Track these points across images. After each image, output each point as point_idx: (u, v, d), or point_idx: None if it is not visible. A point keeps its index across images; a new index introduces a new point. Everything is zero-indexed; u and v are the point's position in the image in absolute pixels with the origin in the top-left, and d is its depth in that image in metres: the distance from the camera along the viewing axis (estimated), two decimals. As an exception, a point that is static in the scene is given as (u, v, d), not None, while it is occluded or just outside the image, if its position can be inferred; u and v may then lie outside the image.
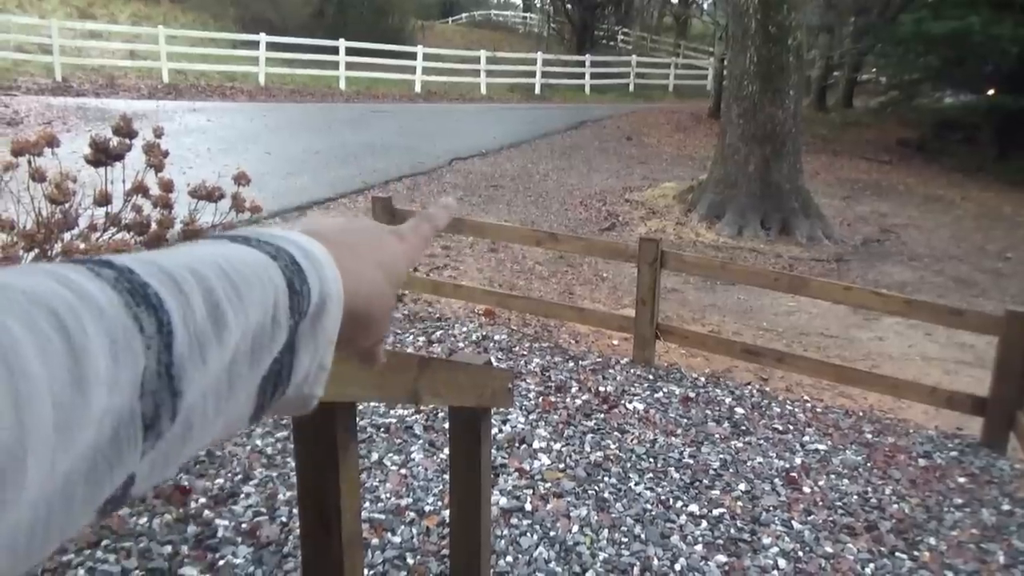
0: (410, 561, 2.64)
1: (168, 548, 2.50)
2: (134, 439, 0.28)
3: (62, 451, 0.25)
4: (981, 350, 5.33)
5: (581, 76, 22.17)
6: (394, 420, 3.65)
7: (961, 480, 3.63)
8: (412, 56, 18.66)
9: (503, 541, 2.80)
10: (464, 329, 5.00)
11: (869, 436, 4.01)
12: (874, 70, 20.89)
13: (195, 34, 17.36)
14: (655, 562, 2.74)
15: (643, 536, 2.89)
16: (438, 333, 4.86)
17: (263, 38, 16.85)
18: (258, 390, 0.35)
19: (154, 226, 3.12)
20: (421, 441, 3.49)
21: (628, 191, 10.50)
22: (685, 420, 3.96)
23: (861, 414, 4.34)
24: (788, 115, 8.97)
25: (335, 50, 17.57)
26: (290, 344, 0.36)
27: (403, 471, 3.24)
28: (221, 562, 2.49)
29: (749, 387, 4.53)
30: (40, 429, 0.23)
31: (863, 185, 12.84)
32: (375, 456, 3.32)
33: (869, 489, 3.42)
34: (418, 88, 18.69)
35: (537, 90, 20.74)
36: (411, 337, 4.74)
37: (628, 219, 9.11)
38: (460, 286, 5.50)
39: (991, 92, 14.51)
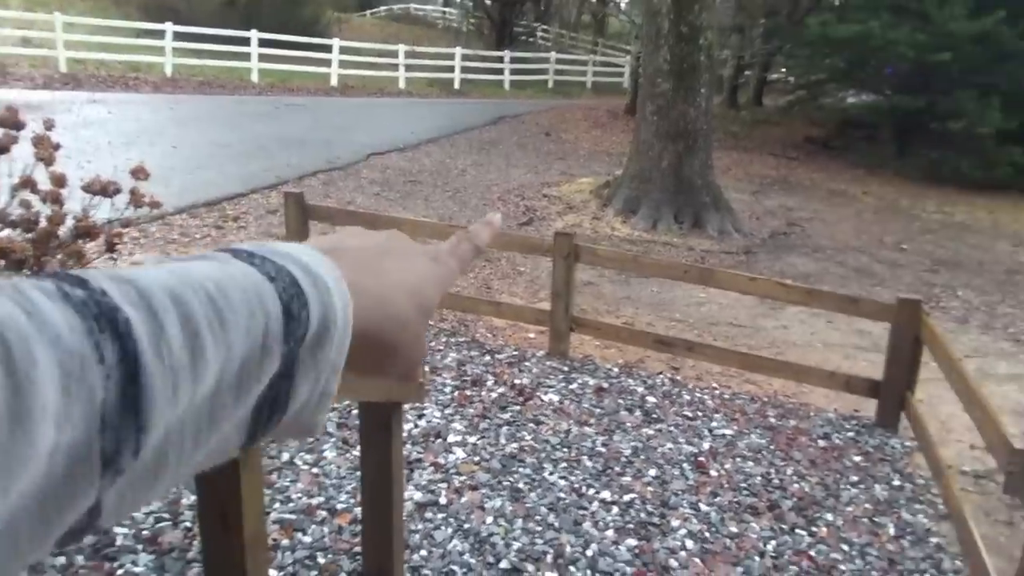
0: (321, 560, 2.60)
1: (62, 559, 2.38)
2: (90, 475, 0.26)
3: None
4: (877, 336, 5.62)
5: (500, 72, 22.24)
6: (306, 418, 3.58)
7: (857, 459, 3.83)
8: (328, 49, 18.29)
9: (417, 536, 2.79)
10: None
11: (773, 420, 4.18)
12: (783, 70, 21.67)
13: (96, 21, 16.50)
14: (568, 549, 2.79)
15: (556, 524, 2.94)
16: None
17: (169, 27, 16.18)
18: (251, 416, 0.33)
19: (43, 222, 2.96)
20: (334, 439, 3.44)
21: (546, 186, 10.60)
22: (598, 410, 4.04)
23: (766, 399, 4.52)
24: (700, 113, 9.23)
25: (247, 41, 17.03)
26: (287, 371, 0.34)
27: (315, 470, 3.19)
28: (120, 571, 2.40)
29: (661, 376, 4.65)
30: None
31: (771, 180, 13.35)
32: (286, 456, 3.25)
33: (772, 470, 3.57)
34: (334, 81, 18.34)
35: (456, 85, 20.68)
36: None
37: (546, 214, 9.20)
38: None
39: (890, 93, 15.28)
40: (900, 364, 4.16)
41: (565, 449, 3.57)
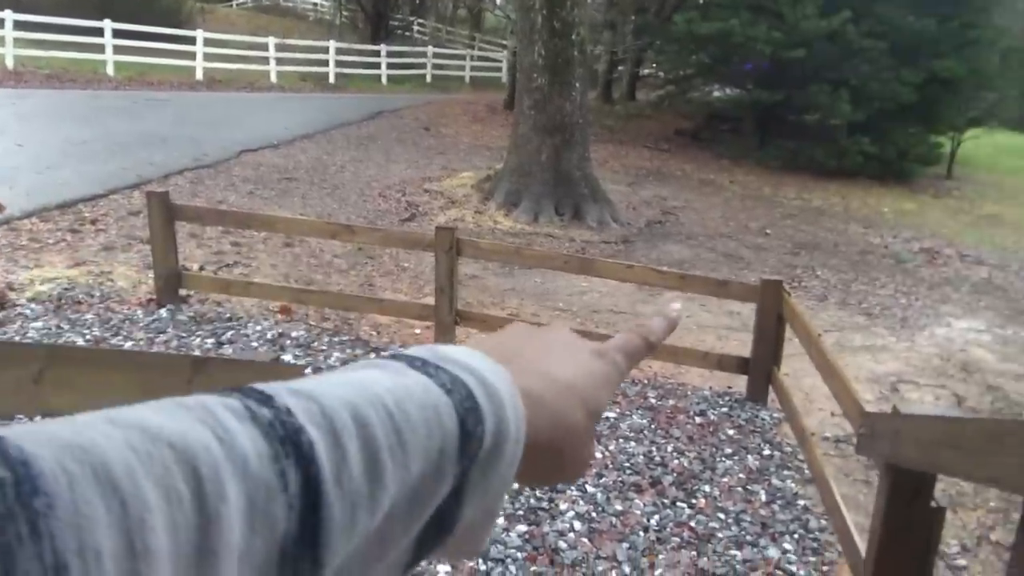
0: None
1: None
2: None
3: None
4: (746, 316, 5.94)
5: (377, 66, 21.87)
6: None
7: (731, 432, 4.04)
8: (191, 41, 17.38)
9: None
10: (258, 328, 4.77)
11: (653, 400, 4.34)
12: (654, 65, 22.51)
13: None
14: (459, 541, 2.78)
15: (447, 518, 2.93)
16: (228, 334, 4.59)
17: (8, 15, 14.87)
18: (415, 541, 0.31)
19: None
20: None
21: (427, 181, 10.54)
22: (486, 401, 4.06)
23: (646, 381, 4.69)
24: (576, 107, 9.43)
25: (100, 31, 15.92)
26: (456, 491, 0.32)
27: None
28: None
29: (546, 365, 4.72)
30: None
31: (646, 172, 13.85)
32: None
33: (653, 448, 3.71)
34: (200, 75, 17.45)
35: (331, 79, 20.18)
36: (198, 340, 4.43)
37: (428, 209, 9.15)
38: (252, 283, 5.23)
39: (751, 87, 16.17)
40: (766, 342, 4.42)
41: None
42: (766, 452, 3.84)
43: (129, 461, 0.22)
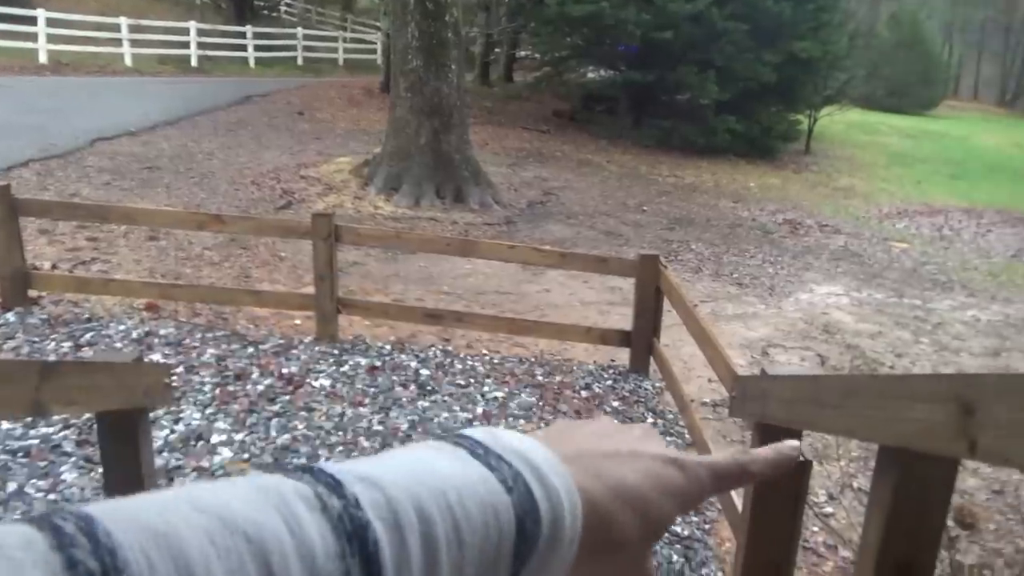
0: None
1: None
2: None
3: None
4: (627, 291, 6.11)
5: (244, 48, 20.86)
6: (36, 441, 3.14)
7: (615, 403, 4.14)
8: (32, 21, 15.94)
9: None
10: (122, 328, 4.45)
11: (541, 378, 4.39)
12: (530, 47, 22.66)
13: None
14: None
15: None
16: (88, 336, 4.26)
17: None
18: None
19: None
20: (74, 459, 3.05)
21: (303, 167, 10.17)
22: (373, 389, 3.98)
23: (533, 360, 4.73)
24: (453, 89, 9.34)
25: (-77, 11, 14.34)
26: None
27: (52, 496, 2.81)
28: None
29: (433, 349, 4.68)
30: None
31: (526, 153, 13.96)
32: (13, 486, 2.83)
33: (542, 425, 3.75)
34: (44, 58, 16.06)
35: (194, 62, 19.08)
36: (52, 345, 4.09)
37: (305, 196, 8.84)
38: (112, 280, 4.88)
39: (624, 69, 16.58)
40: (646, 314, 4.55)
41: (340, 433, 3.47)
42: (649, 420, 3.97)
43: (208, 554, 0.23)
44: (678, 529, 3.00)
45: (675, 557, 2.83)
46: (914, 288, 8.15)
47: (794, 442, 0.42)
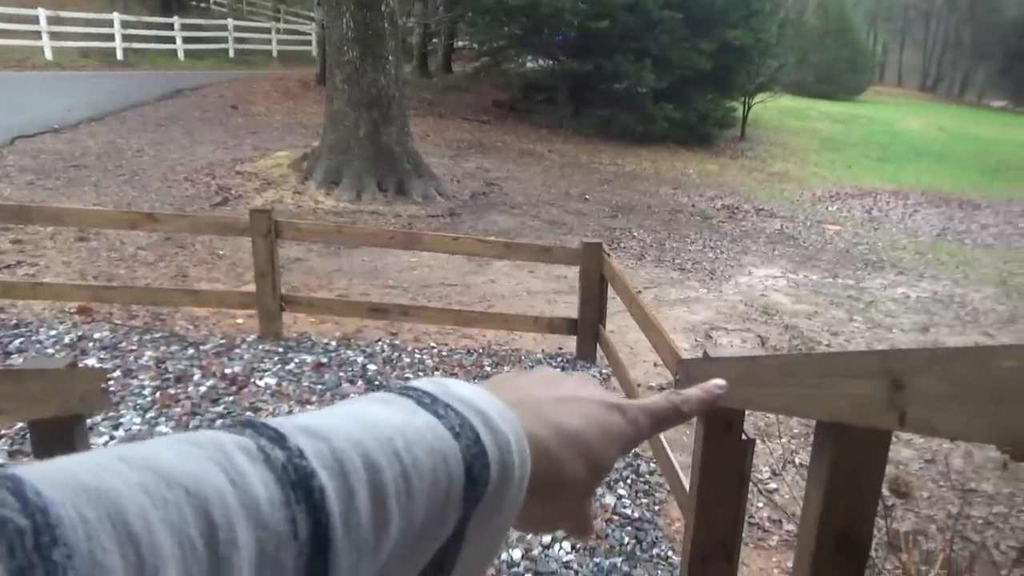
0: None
1: None
2: None
3: None
4: (572, 279, 6.17)
5: (172, 40, 20.20)
6: (-37, 454, 3.00)
7: (564, 392, 4.17)
8: (-57, 14, 15.14)
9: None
10: (53, 333, 4.29)
11: (488, 368, 4.40)
12: (467, 37, 22.53)
13: None
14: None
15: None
16: (17, 342, 4.09)
17: None
18: None
19: None
20: (5, 471, 2.92)
21: (239, 163, 9.93)
22: (320, 386, 3.93)
23: (481, 351, 4.74)
24: (391, 80, 9.24)
25: None
26: (456, 535, 0.31)
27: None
28: None
29: (380, 343, 4.65)
30: None
31: (467, 144, 13.91)
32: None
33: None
34: (-42, 53, 15.28)
35: (119, 55, 18.40)
36: (-22, 352, 3.92)
37: (242, 192, 8.64)
38: (40, 284, 4.69)
39: (563, 58, 16.63)
40: (591, 302, 4.60)
41: (287, 433, 3.42)
42: (597, 407, 4.02)
43: (144, 507, 0.22)
44: (628, 511, 3.05)
45: (627, 539, 2.87)
46: (847, 268, 8.43)
47: (719, 380, 0.46)
